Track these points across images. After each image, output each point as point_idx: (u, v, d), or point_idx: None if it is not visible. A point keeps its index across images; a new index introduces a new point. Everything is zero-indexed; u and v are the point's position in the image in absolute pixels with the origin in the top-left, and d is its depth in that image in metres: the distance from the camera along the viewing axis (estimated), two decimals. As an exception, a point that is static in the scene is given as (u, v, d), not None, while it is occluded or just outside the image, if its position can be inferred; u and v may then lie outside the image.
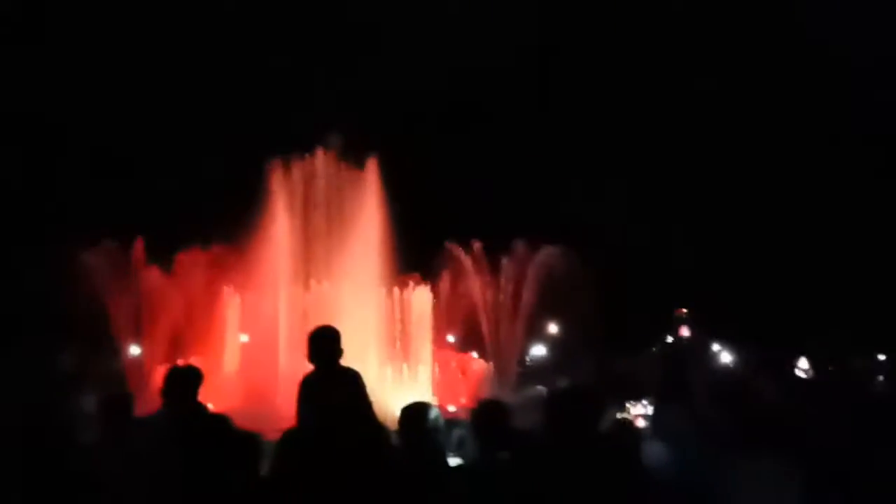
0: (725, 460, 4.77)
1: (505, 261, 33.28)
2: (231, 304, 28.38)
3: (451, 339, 33.80)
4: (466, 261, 33.23)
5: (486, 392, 26.78)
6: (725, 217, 40.45)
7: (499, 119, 41.21)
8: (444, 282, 32.89)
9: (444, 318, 32.59)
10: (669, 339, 38.62)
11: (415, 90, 36.76)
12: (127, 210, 32.16)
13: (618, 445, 5.38)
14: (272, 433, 5.86)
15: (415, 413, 5.41)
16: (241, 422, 6.03)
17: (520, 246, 33.43)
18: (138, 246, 29.90)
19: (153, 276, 30.10)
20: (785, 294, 37.71)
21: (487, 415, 5.20)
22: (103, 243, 29.28)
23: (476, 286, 33.42)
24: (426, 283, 30.59)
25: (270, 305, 27.72)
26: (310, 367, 5.92)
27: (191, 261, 30.09)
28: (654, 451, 5.38)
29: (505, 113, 41.27)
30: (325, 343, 5.75)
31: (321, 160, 29.54)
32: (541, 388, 21.90)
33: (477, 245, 33.17)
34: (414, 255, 30.06)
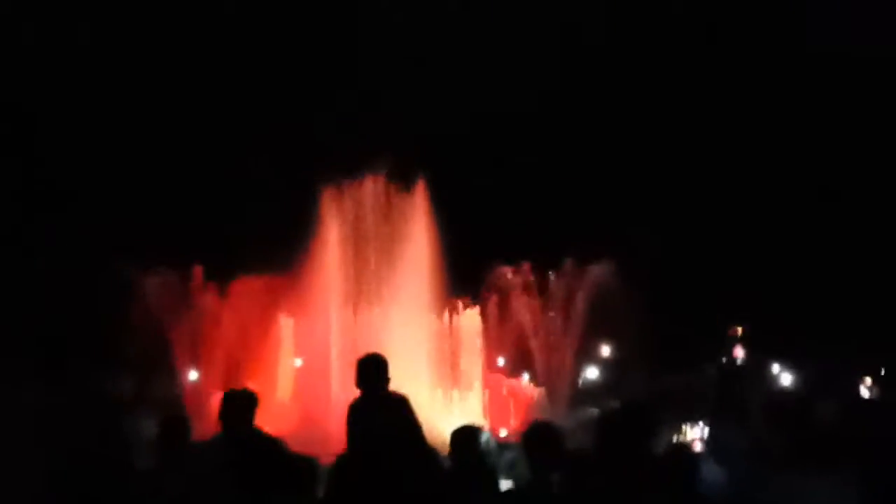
0: (782, 481, 4.66)
1: (553, 280, 33.04)
2: (285, 329, 28.83)
3: (501, 361, 33.62)
4: (516, 281, 33.09)
5: (538, 415, 26.50)
6: (784, 232, 39.44)
7: (542, 142, 41.11)
8: (494, 304, 32.79)
9: (494, 340, 32.47)
10: (724, 359, 37.73)
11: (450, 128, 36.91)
12: (183, 237, 32.84)
13: (672, 468, 5.30)
14: (325, 457, 5.92)
15: (466, 436, 5.42)
16: (295, 446, 6.12)
17: (569, 265, 33.17)
18: (196, 273, 30.60)
19: (210, 302, 30.76)
20: (848, 311, 36.54)
21: (539, 437, 5.17)
22: (161, 270, 30.02)
23: (526, 307, 33.21)
24: (475, 306, 30.60)
25: (323, 330, 28.07)
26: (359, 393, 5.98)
27: (246, 287, 30.66)
28: (710, 473, 5.28)
29: (547, 137, 41.16)
30: (372, 369, 5.78)
31: (370, 185, 29.87)
32: (593, 411, 21.60)
33: (526, 266, 33.02)
34: (463, 277, 30.08)
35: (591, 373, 36.92)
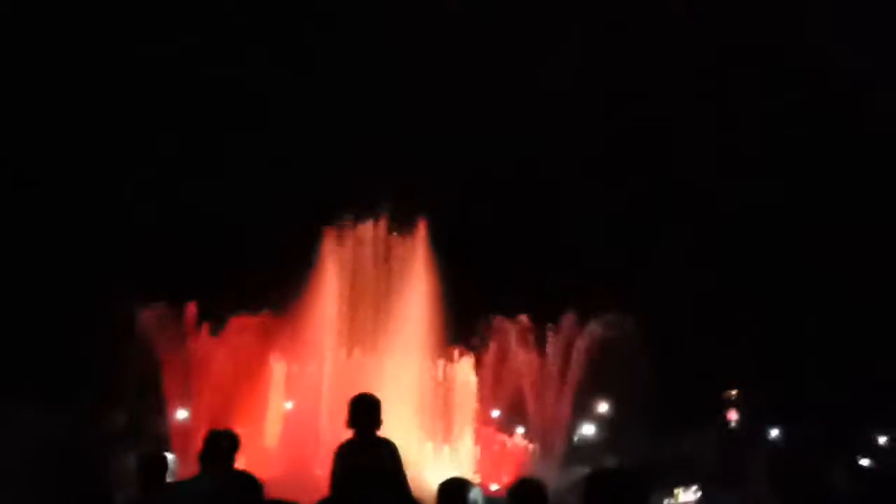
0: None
1: (551, 335, 32.87)
2: (276, 371, 28.57)
3: (495, 413, 33.25)
4: (512, 334, 32.93)
5: (529, 471, 26.11)
6: (783, 294, 39.33)
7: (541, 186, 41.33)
8: (490, 355, 32.59)
9: (489, 392, 32.19)
10: (718, 422, 37.34)
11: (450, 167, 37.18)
12: (180, 274, 32.80)
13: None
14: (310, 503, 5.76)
15: (454, 488, 5.25)
16: (281, 491, 5.94)
17: (568, 320, 33.04)
18: (190, 310, 30.45)
19: (203, 340, 30.56)
20: (849, 371, 36.23)
21: (524, 493, 5.04)
22: (155, 307, 29.89)
23: (522, 361, 33.00)
24: (470, 355, 30.38)
25: (314, 373, 27.82)
26: (349, 436, 5.92)
27: (240, 326, 30.51)
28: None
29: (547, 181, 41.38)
30: (365, 409, 5.78)
31: (369, 227, 29.92)
32: (586, 470, 21.26)
33: (524, 318, 32.87)
34: (459, 324, 29.91)
35: (587, 429, 36.57)
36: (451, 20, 40.52)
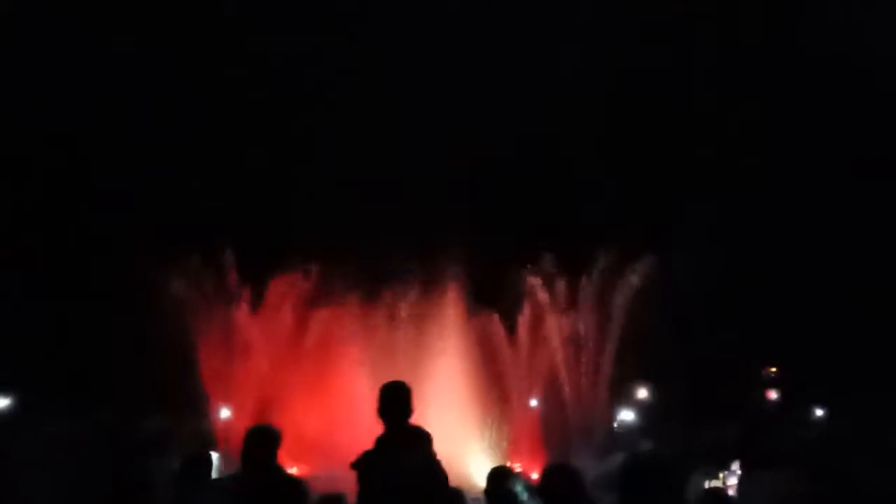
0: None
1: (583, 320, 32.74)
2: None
3: (533, 403, 33.24)
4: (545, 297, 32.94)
5: (568, 458, 26.14)
6: (825, 271, 38.40)
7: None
8: (525, 336, 32.66)
9: (526, 380, 32.23)
10: (758, 402, 36.66)
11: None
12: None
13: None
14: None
15: (499, 477, 5.34)
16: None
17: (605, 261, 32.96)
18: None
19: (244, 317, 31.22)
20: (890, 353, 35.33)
21: (556, 479, 5.05)
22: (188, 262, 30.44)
23: (559, 342, 32.96)
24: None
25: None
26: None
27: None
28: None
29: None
30: (396, 399, 5.58)
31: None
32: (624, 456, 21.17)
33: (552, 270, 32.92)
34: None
35: (626, 415, 36.28)
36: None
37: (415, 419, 5.55)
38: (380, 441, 5.48)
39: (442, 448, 5.53)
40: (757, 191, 39.77)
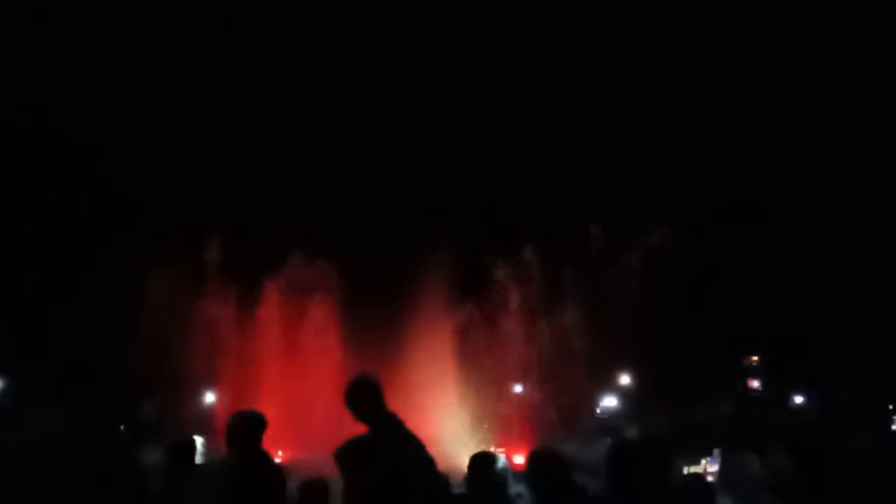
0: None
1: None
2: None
3: (518, 388, 33.36)
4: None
5: (553, 443, 26.31)
6: (806, 259, 38.73)
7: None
8: (510, 323, 32.76)
9: (507, 364, 32.35)
10: (740, 389, 37.06)
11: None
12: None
13: (686, 500, 5.16)
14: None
15: (482, 462, 5.32)
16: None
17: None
18: None
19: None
20: (871, 341, 35.78)
21: (542, 462, 5.07)
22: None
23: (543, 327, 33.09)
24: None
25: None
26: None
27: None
28: (724, 505, 5.15)
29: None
30: (367, 396, 5.38)
31: None
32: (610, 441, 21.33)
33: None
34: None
35: (609, 401, 36.59)
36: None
37: (399, 405, 5.47)
38: (366, 441, 5.27)
39: (425, 435, 5.49)
40: (742, 178, 40.00)
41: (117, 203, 34.57)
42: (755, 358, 38.79)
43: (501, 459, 5.39)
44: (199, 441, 6.64)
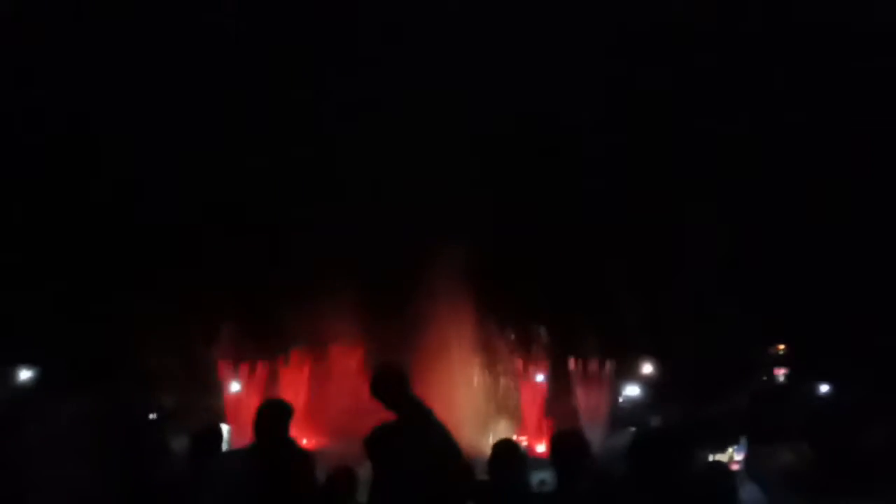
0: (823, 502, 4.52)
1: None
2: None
3: (540, 377, 33.41)
4: None
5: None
6: (830, 249, 38.20)
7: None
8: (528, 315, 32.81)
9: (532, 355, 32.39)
10: (765, 379, 36.67)
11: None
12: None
13: (708, 489, 5.17)
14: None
15: (504, 450, 5.34)
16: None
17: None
18: None
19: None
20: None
21: (564, 444, 5.10)
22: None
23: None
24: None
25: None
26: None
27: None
28: (748, 493, 5.15)
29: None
30: (393, 383, 5.38)
31: None
32: (632, 431, 21.27)
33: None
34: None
35: (632, 390, 36.41)
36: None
37: (421, 393, 5.50)
38: (398, 420, 5.31)
39: (449, 422, 5.53)
40: (761, 168, 39.53)
41: (134, 197, 34.93)
42: (782, 347, 38.37)
43: (522, 448, 5.42)
44: (224, 429, 6.70)
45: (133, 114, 36.28)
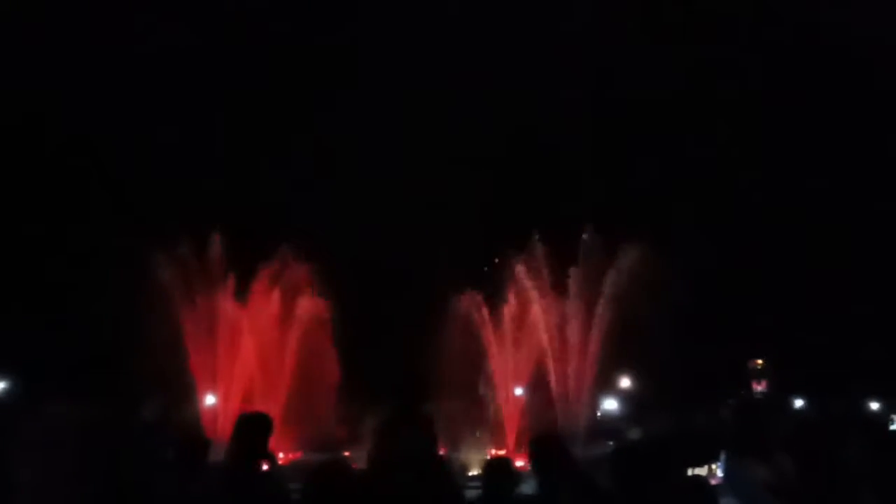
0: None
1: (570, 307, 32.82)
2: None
3: (519, 391, 33.38)
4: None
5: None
6: (807, 265, 38.65)
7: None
8: (510, 324, 32.83)
9: (511, 368, 32.36)
10: (743, 392, 36.94)
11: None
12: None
13: (688, 500, 5.18)
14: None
15: (500, 468, 5.30)
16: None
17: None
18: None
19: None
20: (872, 345, 35.69)
21: (544, 447, 5.09)
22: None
23: (544, 329, 33.09)
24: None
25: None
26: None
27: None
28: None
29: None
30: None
31: None
32: (611, 445, 21.27)
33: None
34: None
35: (610, 404, 36.49)
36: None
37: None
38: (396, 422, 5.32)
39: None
40: (744, 185, 39.98)
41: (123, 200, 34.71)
42: (760, 361, 38.67)
43: (514, 464, 5.42)
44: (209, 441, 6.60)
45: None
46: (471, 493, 5.36)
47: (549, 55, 40.79)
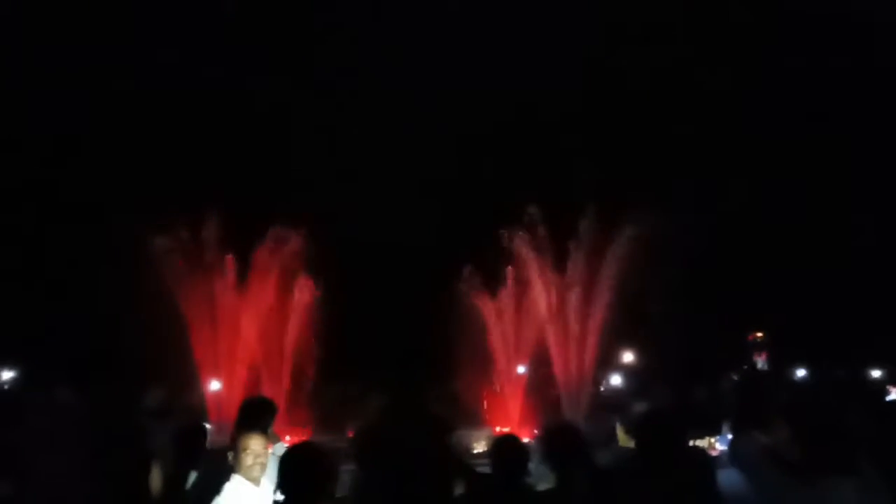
0: (805, 488, 4.57)
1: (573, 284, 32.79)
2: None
3: (521, 369, 33.49)
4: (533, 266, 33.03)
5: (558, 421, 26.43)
6: (810, 237, 38.61)
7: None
8: (510, 300, 32.85)
9: (513, 345, 32.42)
10: (745, 366, 37.08)
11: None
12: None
13: (694, 471, 5.21)
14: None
15: (510, 446, 5.32)
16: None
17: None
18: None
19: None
20: (872, 316, 35.76)
21: (558, 435, 5.10)
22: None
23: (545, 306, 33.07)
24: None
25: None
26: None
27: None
28: (729, 480, 5.19)
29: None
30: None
31: None
32: (614, 418, 21.36)
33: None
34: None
35: (615, 380, 36.64)
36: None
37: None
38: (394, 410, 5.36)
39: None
40: (743, 157, 39.90)
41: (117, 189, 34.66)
42: (760, 334, 38.77)
43: (525, 443, 5.44)
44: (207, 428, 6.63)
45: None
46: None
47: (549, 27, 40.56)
